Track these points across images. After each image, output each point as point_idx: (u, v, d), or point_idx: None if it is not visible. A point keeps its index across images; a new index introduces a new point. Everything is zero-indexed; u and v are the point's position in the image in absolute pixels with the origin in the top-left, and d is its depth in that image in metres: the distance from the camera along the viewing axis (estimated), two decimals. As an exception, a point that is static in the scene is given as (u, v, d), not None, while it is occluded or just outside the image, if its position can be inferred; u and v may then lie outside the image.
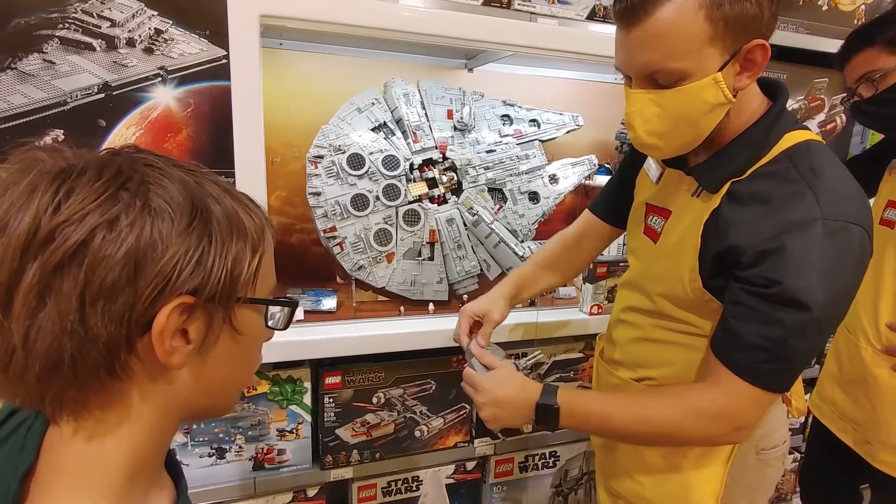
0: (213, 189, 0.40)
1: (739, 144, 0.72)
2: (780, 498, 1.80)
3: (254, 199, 0.45)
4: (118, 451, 0.39)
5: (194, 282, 0.37)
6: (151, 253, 0.35)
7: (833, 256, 0.63)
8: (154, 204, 0.36)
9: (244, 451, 1.14)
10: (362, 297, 1.28)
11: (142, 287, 0.35)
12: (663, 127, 0.69)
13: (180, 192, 0.37)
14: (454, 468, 1.33)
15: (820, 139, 0.72)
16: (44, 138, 0.90)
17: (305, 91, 1.30)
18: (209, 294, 0.38)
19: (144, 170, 0.37)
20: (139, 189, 0.36)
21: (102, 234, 0.34)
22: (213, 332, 0.40)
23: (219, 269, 0.38)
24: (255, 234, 0.42)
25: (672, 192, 0.81)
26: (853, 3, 1.50)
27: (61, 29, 0.89)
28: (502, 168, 1.34)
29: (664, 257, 0.80)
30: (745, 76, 0.67)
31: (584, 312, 1.33)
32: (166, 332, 0.36)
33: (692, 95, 0.66)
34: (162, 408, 0.40)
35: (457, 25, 1.06)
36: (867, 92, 1.06)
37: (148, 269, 0.35)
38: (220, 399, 0.45)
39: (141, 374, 0.38)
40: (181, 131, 1.00)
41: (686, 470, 0.82)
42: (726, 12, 0.62)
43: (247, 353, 0.45)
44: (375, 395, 1.20)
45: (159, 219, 0.36)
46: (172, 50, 0.96)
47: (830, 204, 0.64)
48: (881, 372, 1.12)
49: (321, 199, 1.19)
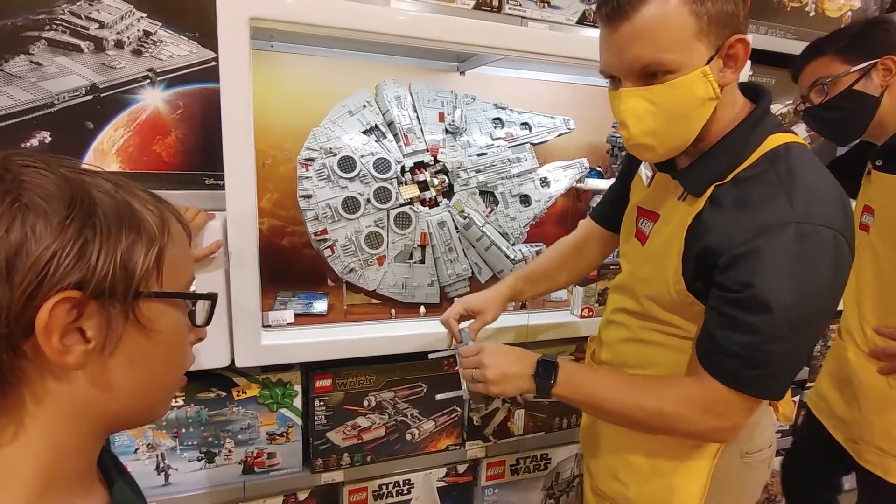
0: (102, 184, 0.39)
1: (721, 148, 0.73)
2: (769, 500, 1.81)
3: (160, 196, 0.44)
4: (21, 459, 0.37)
5: (76, 275, 0.35)
6: (23, 249, 0.34)
7: (804, 260, 0.63)
8: (26, 199, 0.35)
9: (234, 454, 1.13)
10: (353, 300, 1.27)
11: (16, 284, 0.34)
12: (657, 124, 0.70)
13: (58, 187, 0.36)
14: (445, 471, 1.32)
15: (802, 141, 0.73)
16: (30, 140, 0.89)
17: (296, 93, 1.30)
18: (98, 288, 0.36)
19: (20, 169, 0.36)
20: (11, 186, 0.35)
21: None
22: (115, 330, 0.38)
23: (105, 262, 0.36)
24: (154, 226, 0.40)
25: (661, 196, 0.82)
26: (840, 9, 1.52)
27: (48, 30, 0.89)
28: (494, 171, 1.34)
29: (650, 260, 0.81)
30: (730, 72, 0.69)
31: (574, 315, 1.33)
32: (52, 329, 0.35)
33: (683, 89, 0.67)
34: (66, 413, 0.38)
35: (448, 29, 1.06)
36: (818, 98, 1.10)
37: (20, 265, 0.34)
38: (145, 402, 0.43)
39: (34, 375, 0.36)
40: (170, 133, 1.00)
41: (670, 472, 0.82)
42: (709, 8, 0.64)
43: (165, 351, 0.42)
44: (366, 398, 1.20)
45: (32, 213, 0.34)
46: (161, 52, 0.95)
47: (804, 206, 0.64)
48: (867, 374, 1.14)
49: (312, 201, 1.19)
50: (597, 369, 0.83)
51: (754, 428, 0.83)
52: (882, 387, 1.11)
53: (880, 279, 1.11)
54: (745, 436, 0.82)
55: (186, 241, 0.45)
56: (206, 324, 0.46)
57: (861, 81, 1.05)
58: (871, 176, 1.15)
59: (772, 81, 1.52)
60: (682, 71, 0.66)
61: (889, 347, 1.10)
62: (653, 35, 0.65)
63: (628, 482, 0.86)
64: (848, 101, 1.07)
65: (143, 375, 0.41)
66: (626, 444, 0.86)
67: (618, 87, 0.71)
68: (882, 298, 1.12)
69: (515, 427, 1.36)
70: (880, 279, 1.11)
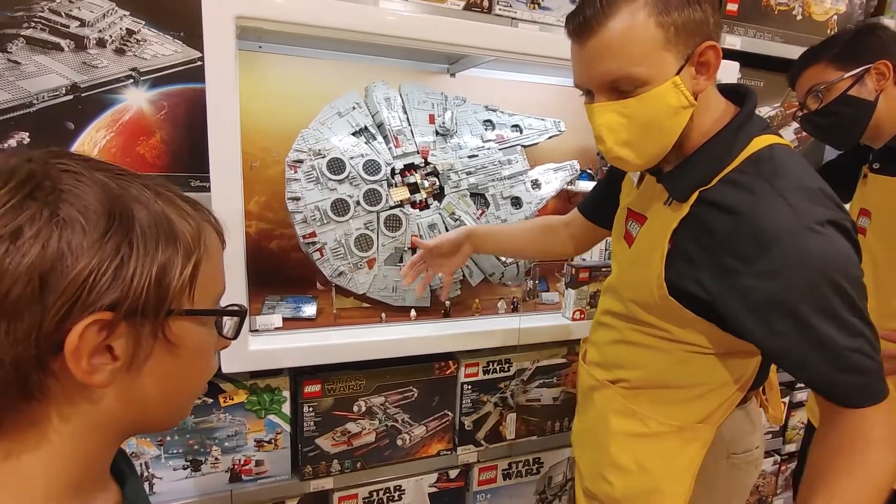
0: (140, 193, 0.38)
1: (704, 153, 0.72)
2: (760, 500, 1.82)
3: (197, 202, 0.42)
4: (42, 468, 0.37)
5: (112, 296, 0.34)
6: (59, 266, 0.33)
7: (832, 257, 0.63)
8: (64, 213, 0.33)
9: (220, 462, 1.11)
10: (343, 304, 1.26)
11: (49, 304, 0.33)
12: (631, 136, 0.70)
13: (97, 199, 0.35)
14: (437, 476, 1.31)
15: (787, 143, 0.73)
16: (8, 141, 0.87)
17: (285, 94, 1.28)
18: (131, 308, 0.35)
19: (59, 175, 0.35)
20: (49, 198, 0.33)
21: (4, 246, 0.31)
22: (143, 348, 0.37)
23: (141, 281, 0.35)
24: (190, 239, 0.39)
25: (649, 199, 0.82)
26: (826, 13, 1.54)
27: (27, 28, 0.87)
28: (485, 173, 1.34)
29: (635, 263, 0.81)
30: (703, 78, 0.69)
31: (566, 317, 1.33)
32: (82, 351, 0.34)
33: (655, 101, 0.67)
34: (90, 425, 0.38)
35: (438, 29, 1.05)
36: (814, 104, 1.12)
37: (55, 284, 0.33)
38: (168, 411, 0.43)
39: (59, 394, 0.36)
40: (154, 134, 0.98)
41: (655, 472, 0.82)
42: (675, 19, 0.64)
43: (191, 364, 0.42)
44: (356, 403, 1.18)
45: (69, 229, 0.33)
46: (145, 51, 0.93)
47: (806, 208, 0.64)
48: None
49: (301, 204, 1.17)
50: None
51: (741, 429, 0.83)
52: None
53: (876, 281, 1.11)
54: (732, 437, 0.82)
55: (220, 251, 0.44)
56: (234, 338, 0.46)
57: (855, 87, 1.06)
58: (867, 179, 1.16)
59: (760, 84, 1.53)
60: (652, 83, 0.66)
61: (885, 350, 1.10)
62: (620, 49, 0.66)
63: (615, 482, 0.86)
64: (843, 106, 1.08)
65: (168, 388, 0.41)
66: (613, 445, 0.86)
67: (592, 100, 0.72)
68: (878, 301, 1.11)
69: (507, 431, 1.35)
70: (876, 281, 1.11)
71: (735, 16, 1.41)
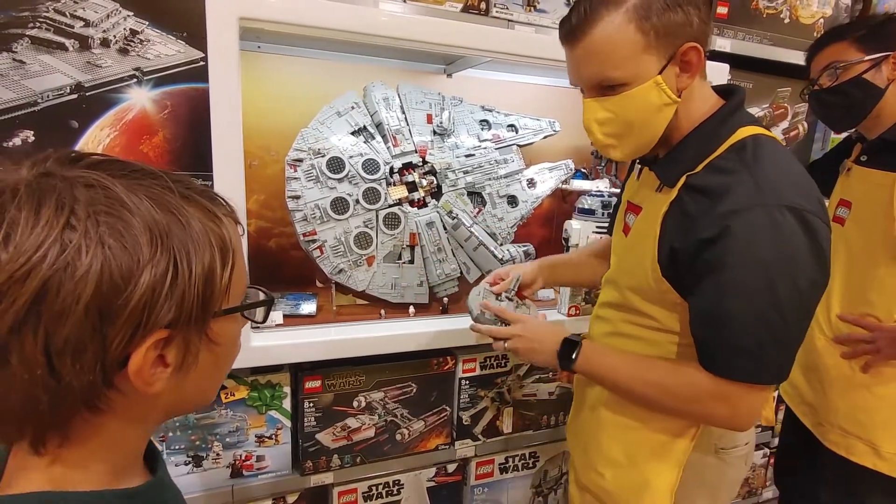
0: (170, 200, 0.37)
1: (691, 140, 0.76)
2: (750, 493, 1.86)
3: (213, 193, 0.42)
4: (94, 456, 0.38)
5: (167, 317, 0.35)
6: (115, 299, 0.33)
7: (776, 241, 0.65)
8: (109, 242, 0.33)
9: (221, 458, 1.12)
10: (342, 301, 1.27)
11: (111, 335, 0.33)
12: (617, 129, 0.76)
13: (138, 218, 0.34)
14: (435, 471, 1.33)
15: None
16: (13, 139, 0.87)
17: (283, 94, 1.30)
18: (184, 321, 0.36)
19: (88, 195, 0.33)
20: (88, 225, 0.32)
21: (56, 284, 0.31)
22: (191, 352, 0.39)
23: (191, 294, 0.36)
24: (223, 241, 0.39)
25: (645, 190, 0.85)
26: (812, 16, 1.58)
27: (32, 28, 0.87)
28: (481, 172, 1.36)
29: (632, 250, 0.84)
30: (686, 77, 0.72)
31: (562, 314, 1.35)
32: (143, 369, 0.35)
33: (638, 99, 0.72)
34: (137, 421, 0.40)
35: (436, 31, 1.07)
36: (828, 81, 1.12)
37: (114, 315, 0.33)
38: (203, 397, 0.45)
39: (121, 403, 0.37)
40: (157, 133, 0.99)
41: (644, 465, 0.85)
42: (655, 23, 0.68)
43: (227, 355, 0.44)
44: (356, 398, 1.20)
45: (117, 258, 0.33)
46: (148, 51, 0.95)
47: (770, 189, 0.67)
48: (831, 360, 1.19)
49: (300, 202, 1.18)
50: (616, 350, 0.85)
51: None
52: (845, 371, 1.17)
53: (850, 270, 1.16)
54: (721, 432, 0.84)
55: (241, 241, 0.44)
56: (264, 321, 0.48)
57: (871, 71, 1.07)
58: (850, 171, 1.19)
59: (749, 85, 1.57)
60: (634, 83, 0.71)
61: (852, 333, 1.15)
62: (602, 54, 0.71)
63: (605, 474, 0.89)
64: (855, 88, 1.09)
65: (206, 378, 0.43)
66: (604, 437, 0.89)
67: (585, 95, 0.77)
68: (850, 288, 1.17)
69: (504, 426, 1.37)
70: (850, 270, 1.16)
71: (725, 19, 1.44)
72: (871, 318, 1.13)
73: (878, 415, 1.12)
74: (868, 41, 1.08)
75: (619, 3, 0.69)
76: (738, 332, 0.68)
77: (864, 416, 1.14)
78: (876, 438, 1.12)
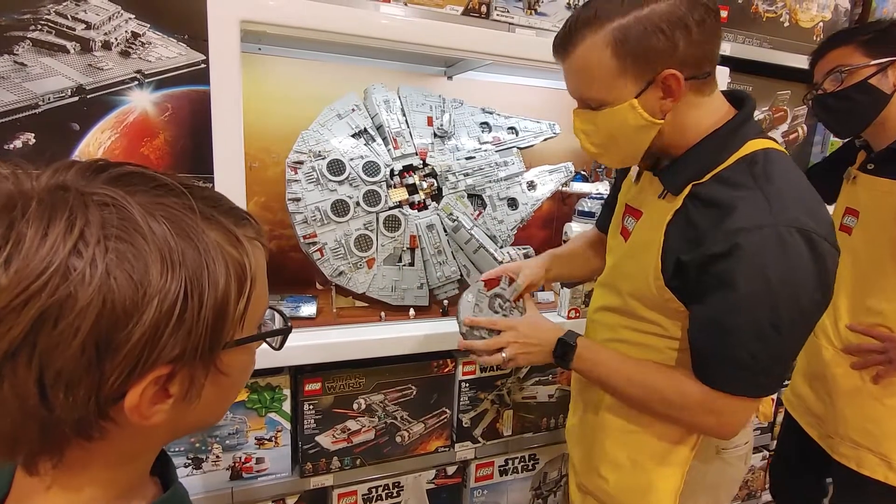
0: (190, 223, 0.34)
1: (700, 149, 0.76)
2: (749, 495, 1.86)
3: (243, 212, 0.40)
4: (99, 496, 0.38)
5: (171, 353, 0.33)
6: (116, 334, 0.31)
7: (783, 261, 0.65)
8: (116, 273, 0.31)
9: (221, 460, 1.12)
10: (342, 303, 1.27)
11: (108, 371, 0.31)
12: (600, 140, 0.78)
13: (151, 245, 0.32)
14: (435, 473, 1.33)
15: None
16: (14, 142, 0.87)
17: (284, 96, 1.30)
18: (189, 356, 0.34)
19: (101, 216, 0.31)
20: (96, 252, 0.30)
21: (55, 316, 0.29)
22: (196, 385, 0.36)
23: (199, 328, 0.34)
24: (242, 269, 0.37)
25: (645, 194, 0.85)
26: (812, 20, 1.58)
27: (33, 31, 0.88)
28: (481, 174, 1.36)
29: (633, 256, 0.84)
30: (669, 100, 0.72)
31: (561, 316, 1.35)
32: (142, 406, 0.34)
33: (614, 117, 0.74)
34: (141, 446, 0.39)
35: (437, 34, 1.07)
36: (832, 86, 1.10)
37: (114, 350, 0.31)
38: (210, 420, 0.44)
39: (118, 433, 0.35)
40: (158, 136, 0.99)
41: (648, 468, 0.84)
42: (632, 48, 0.69)
43: (236, 384, 0.42)
44: (356, 401, 1.20)
45: (121, 290, 0.31)
46: (150, 53, 0.95)
47: (781, 209, 0.67)
48: (839, 370, 1.18)
49: (301, 204, 1.19)
50: (611, 350, 0.85)
51: None
52: (855, 382, 1.15)
53: (857, 280, 1.15)
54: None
55: (265, 266, 0.41)
56: (279, 348, 0.46)
57: (877, 76, 1.05)
58: (856, 179, 1.17)
59: (749, 88, 1.57)
60: (610, 103, 0.73)
61: (862, 344, 1.14)
62: (580, 73, 0.74)
63: (608, 477, 0.88)
64: (859, 93, 1.07)
65: (213, 407, 0.41)
66: (607, 441, 0.88)
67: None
68: (857, 298, 1.15)
69: (504, 428, 1.37)
70: (857, 280, 1.15)
71: (725, 22, 1.45)
72: (881, 329, 1.11)
73: (889, 426, 1.10)
74: (874, 46, 1.05)
75: (601, 25, 0.69)
76: (735, 346, 0.69)
77: (874, 427, 1.12)
78: (887, 450, 1.10)
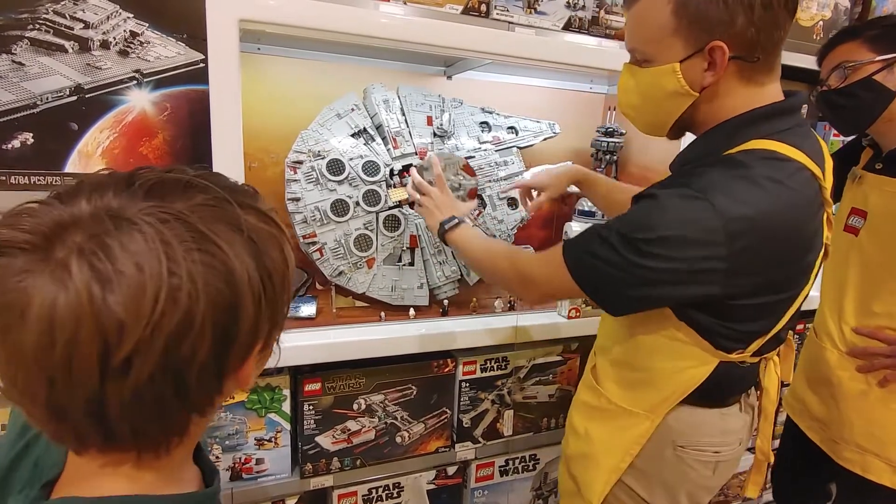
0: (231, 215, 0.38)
1: (705, 136, 0.76)
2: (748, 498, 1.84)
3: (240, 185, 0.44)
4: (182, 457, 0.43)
5: (266, 327, 0.40)
6: (229, 331, 0.36)
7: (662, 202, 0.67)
8: (210, 280, 0.34)
9: (221, 461, 1.12)
10: (342, 303, 1.27)
11: (231, 360, 0.38)
12: (632, 100, 0.79)
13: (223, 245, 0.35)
14: (435, 473, 1.32)
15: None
16: (11, 142, 0.87)
17: (283, 96, 1.29)
18: (280, 323, 0.43)
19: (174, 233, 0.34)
20: (189, 268, 0.33)
21: (180, 337, 0.33)
22: (271, 345, 0.45)
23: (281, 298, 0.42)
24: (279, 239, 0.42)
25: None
26: (812, 19, 1.58)
27: (31, 30, 0.87)
28: (481, 174, 1.36)
29: None
30: (710, 75, 0.70)
31: (562, 316, 1.35)
32: (253, 373, 0.42)
33: (653, 77, 0.74)
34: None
35: (437, 33, 1.07)
36: (836, 81, 1.08)
37: (231, 344, 0.37)
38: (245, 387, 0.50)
39: (194, 429, 0.42)
40: (157, 135, 0.99)
41: (596, 441, 0.89)
42: (692, 11, 0.68)
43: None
44: (356, 401, 1.19)
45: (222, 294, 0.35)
46: (148, 53, 0.94)
47: (707, 185, 0.66)
48: (845, 374, 1.16)
49: (300, 204, 1.18)
50: (481, 239, 0.97)
51: (693, 423, 0.83)
52: (861, 386, 1.13)
53: (864, 281, 1.13)
54: (681, 428, 0.83)
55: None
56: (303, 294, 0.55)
57: (882, 73, 1.03)
58: (861, 179, 1.15)
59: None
60: (655, 62, 0.73)
61: (868, 347, 1.12)
62: (637, 25, 0.74)
63: (570, 441, 0.96)
64: (864, 89, 1.04)
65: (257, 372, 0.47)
66: (575, 410, 0.97)
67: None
68: (864, 300, 1.13)
69: (504, 428, 1.37)
70: (864, 281, 1.13)
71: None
72: (889, 332, 1.09)
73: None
74: (881, 41, 1.03)
75: None
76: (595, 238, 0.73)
77: (880, 431, 1.10)
78: (894, 455, 1.09)
